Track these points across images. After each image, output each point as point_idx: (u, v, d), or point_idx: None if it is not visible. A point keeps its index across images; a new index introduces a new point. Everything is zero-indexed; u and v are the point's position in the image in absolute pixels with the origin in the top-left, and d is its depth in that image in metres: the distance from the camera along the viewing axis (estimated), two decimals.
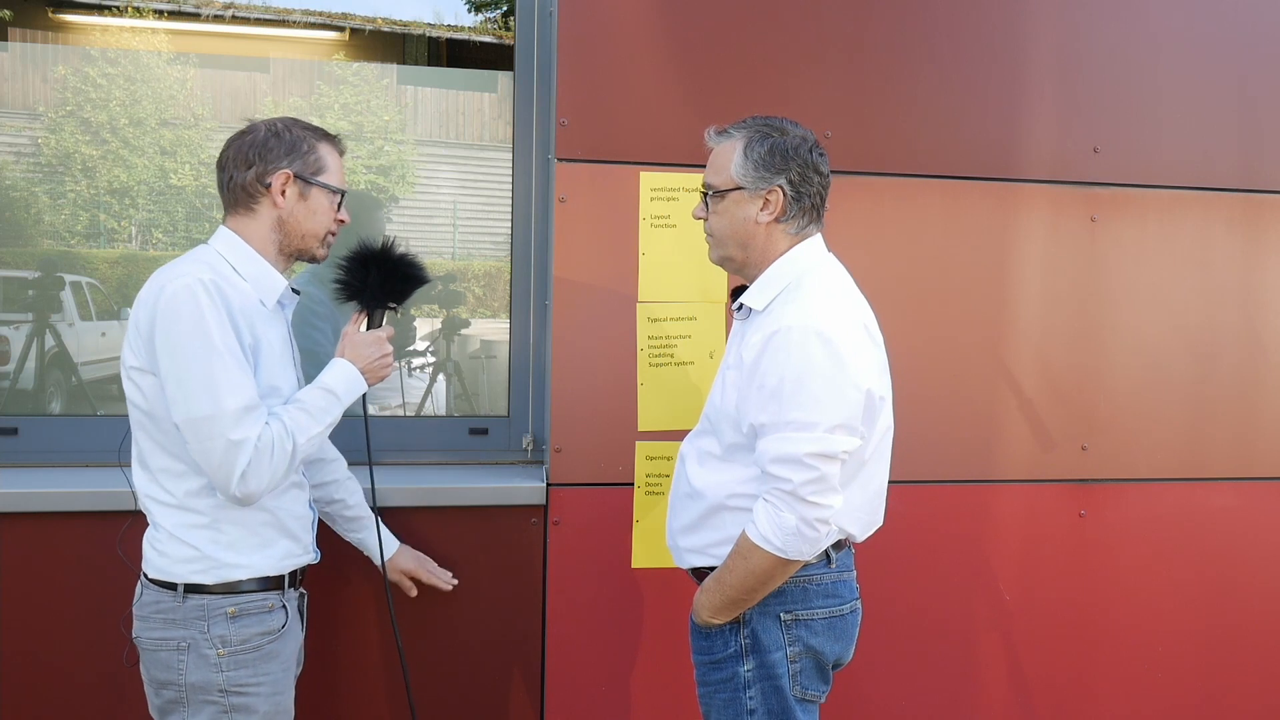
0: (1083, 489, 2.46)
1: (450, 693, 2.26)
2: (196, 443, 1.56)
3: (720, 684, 1.72)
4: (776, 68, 2.28)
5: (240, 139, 1.71)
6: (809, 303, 1.63)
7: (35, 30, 2.49)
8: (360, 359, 1.76)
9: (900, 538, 2.37)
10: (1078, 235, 2.43)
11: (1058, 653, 2.47)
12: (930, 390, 2.37)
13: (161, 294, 1.57)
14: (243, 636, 1.65)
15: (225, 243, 1.71)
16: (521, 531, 2.24)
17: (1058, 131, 2.40)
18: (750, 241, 1.72)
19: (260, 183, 1.69)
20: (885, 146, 2.34)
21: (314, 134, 1.74)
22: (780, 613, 1.68)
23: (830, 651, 1.72)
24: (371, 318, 1.81)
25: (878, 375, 1.67)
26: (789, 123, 1.72)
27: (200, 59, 2.57)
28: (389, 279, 1.81)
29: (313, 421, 1.66)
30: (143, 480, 1.67)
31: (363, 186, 2.56)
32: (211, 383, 1.55)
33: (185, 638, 1.63)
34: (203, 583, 1.63)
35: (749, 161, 1.68)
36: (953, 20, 2.35)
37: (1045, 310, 2.42)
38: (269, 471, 1.59)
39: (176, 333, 1.56)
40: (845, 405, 1.58)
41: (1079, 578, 2.46)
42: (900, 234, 2.36)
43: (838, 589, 1.72)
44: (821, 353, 1.57)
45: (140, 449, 1.67)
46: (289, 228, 1.71)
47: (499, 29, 2.72)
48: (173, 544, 1.64)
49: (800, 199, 1.69)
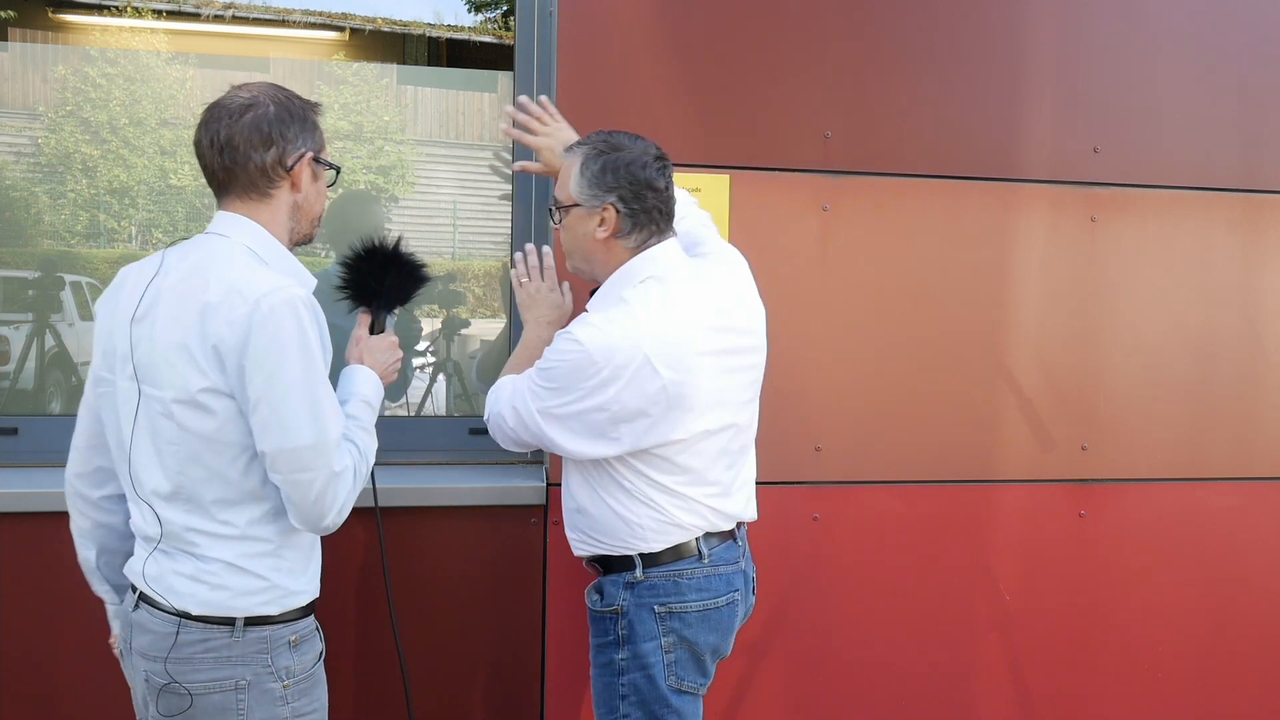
0: (1083, 489, 2.45)
1: (450, 692, 2.26)
2: (291, 473, 1.44)
3: (602, 668, 1.82)
4: (776, 68, 2.28)
5: (247, 113, 1.51)
6: (601, 321, 1.71)
7: (35, 30, 2.49)
8: (379, 365, 1.69)
9: (899, 537, 2.37)
10: (1078, 235, 2.43)
11: (1058, 653, 2.47)
12: (930, 390, 2.37)
13: (257, 310, 1.42)
14: (303, 664, 1.57)
15: (251, 235, 1.53)
16: (521, 531, 2.24)
17: (1058, 131, 2.40)
18: (592, 255, 1.79)
19: (282, 165, 1.52)
20: (885, 146, 2.33)
21: (310, 106, 1.60)
22: (654, 605, 1.77)
23: (705, 643, 1.79)
24: (376, 320, 1.77)
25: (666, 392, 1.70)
26: (629, 138, 1.77)
27: (200, 59, 2.58)
28: (403, 281, 1.76)
29: (371, 440, 1.60)
30: (183, 513, 1.50)
31: (363, 186, 2.56)
32: (317, 410, 1.45)
33: (243, 675, 1.51)
34: (268, 613, 1.52)
35: (583, 179, 1.75)
36: (953, 20, 2.35)
37: (1045, 310, 2.42)
38: (354, 499, 1.52)
39: (279, 354, 1.42)
40: (579, 419, 1.69)
41: (1079, 578, 2.46)
42: (900, 234, 2.35)
43: (711, 583, 1.79)
44: (586, 370, 1.67)
45: (184, 480, 1.49)
46: (303, 212, 1.58)
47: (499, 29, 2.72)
48: (234, 576, 1.51)
49: (635, 215, 1.74)
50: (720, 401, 1.77)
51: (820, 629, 2.37)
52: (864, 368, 2.34)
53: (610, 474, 1.77)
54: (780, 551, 2.31)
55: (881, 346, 2.35)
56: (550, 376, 1.72)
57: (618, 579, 1.81)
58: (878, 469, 2.36)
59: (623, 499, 1.77)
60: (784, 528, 2.32)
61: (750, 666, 2.33)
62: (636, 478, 1.76)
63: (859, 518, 2.36)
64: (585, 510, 1.82)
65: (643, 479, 1.76)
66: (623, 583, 1.80)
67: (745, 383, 1.83)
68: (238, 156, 1.51)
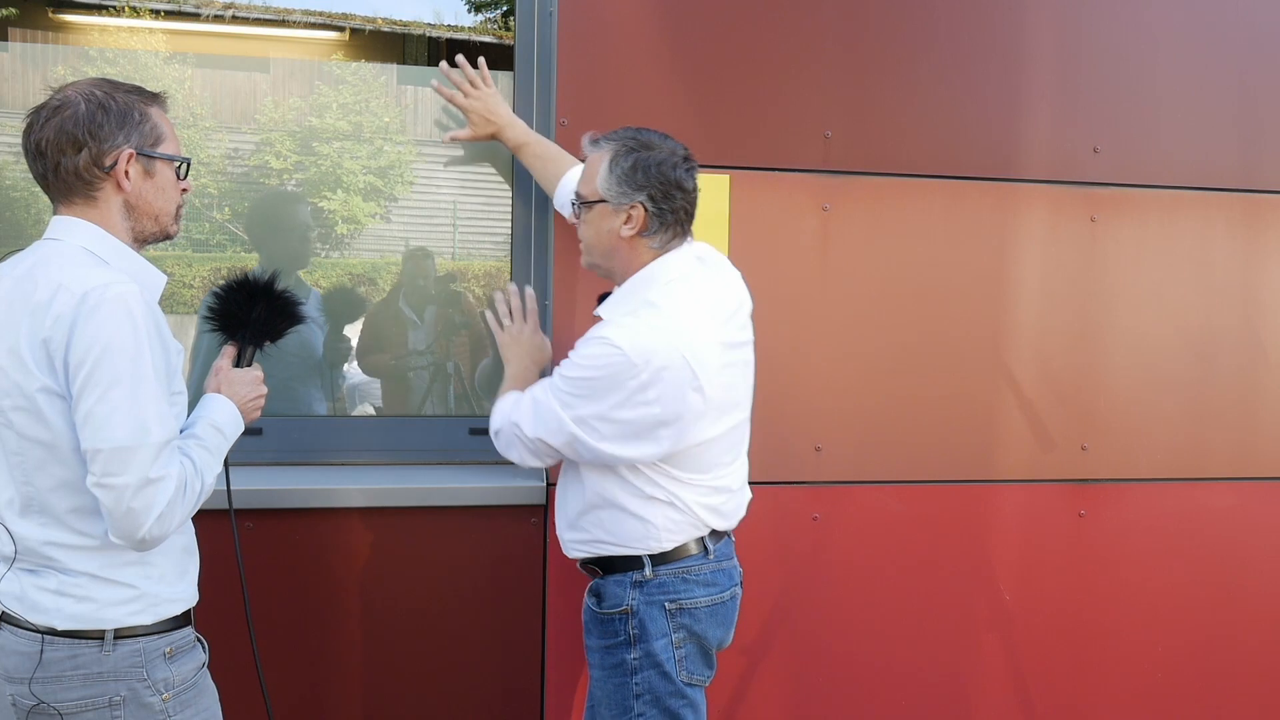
0: (1082, 489, 2.46)
1: (450, 692, 2.26)
2: (104, 476, 1.36)
3: (611, 669, 1.80)
4: (775, 67, 2.28)
5: (55, 116, 1.44)
6: (635, 325, 1.69)
7: (35, 30, 2.49)
8: (238, 397, 1.62)
9: (899, 537, 2.38)
10: (1077, 235, 2.43)
11: (1057, 653, 2.48)
12: (929, 390, 2.37)
13: (83, 303, 1.37)
14: (182, 675, 1.50)
15: (89, 236, 1.46)
16: (521, 531, 2.24)
17: (1057, 131, 2.40)
18: (614, 253, 1.77)
19: (98, 166, 1.45)
20: (884, 146, 2.33)
21: (140, 97, 1.50)
22: (665, 602, 1.77)
23: (713, 636, 1.82)
24: (242, 354, 1.70)
25: (702, 393, 1.70)
26: (659, 136, 1.76)
27: (199, 59, 2.57)
28: (273, 316, 1.71)
29: (214, 461, 1.53)
30: (37, 527, 1.44)
31: (362, 187, 2.56)
32: (138, 411, 1.37)
33: (117, 690, 1.45)
34: (140, 623, 1.46)
35: (613, 176, 1.73)
36: (952, 19, 2.35)
37: (1045, 310, 2.42)
38: (181, 514, 1.43)
39: (102, 348, 1.36)
40: (621, 423, 1.68)
41: (1079, 578, 2.46)
42: (900, 234, 2.35)
43: (716, 578, 1.82)
44: (625, 373, 1.65)
45: (33, 491, 1.43)
46: (139, 211, 1.51)
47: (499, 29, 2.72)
48: (98, 587, 1.44)
49: (663, 215, 1.73)
50: (737, 397, 1.79)
51: (820, 629, 2.37)
52: (864, 368, 2.34)
53: (626, 477, 1.75)
54: (780, 551, 2.31)
55: (882, 346, 2.35)
56: (584, 383, 1.69)
57: (623, 579, 1.80)
58: (878, 469, 2.36)
59: (641, 499, 1.76)
60: (784, 528, 2.32)
61: (750, 666, 2.33)
62: (663, 477, 1.75)
63: (859, 518, 2.36)
64: (593, 512, 1.80)
65: (669, 478, 1.75)
66: (629, 582, 1.79)
67: (749, 375, 1.86)
68: (48, 162, 1.45)
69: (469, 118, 2.13)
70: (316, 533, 2.18)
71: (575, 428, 1.70)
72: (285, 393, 2.40)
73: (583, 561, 1.88)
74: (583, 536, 1.84)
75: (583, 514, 1.82)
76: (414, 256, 2.51)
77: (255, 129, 2.52)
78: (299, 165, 2.53)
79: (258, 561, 2.12)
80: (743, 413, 1.83)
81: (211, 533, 1.71)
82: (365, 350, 2.48)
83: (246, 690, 1.84)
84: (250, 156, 2.52)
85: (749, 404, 1.87)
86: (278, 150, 2.53)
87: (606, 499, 1.78)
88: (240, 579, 1.80)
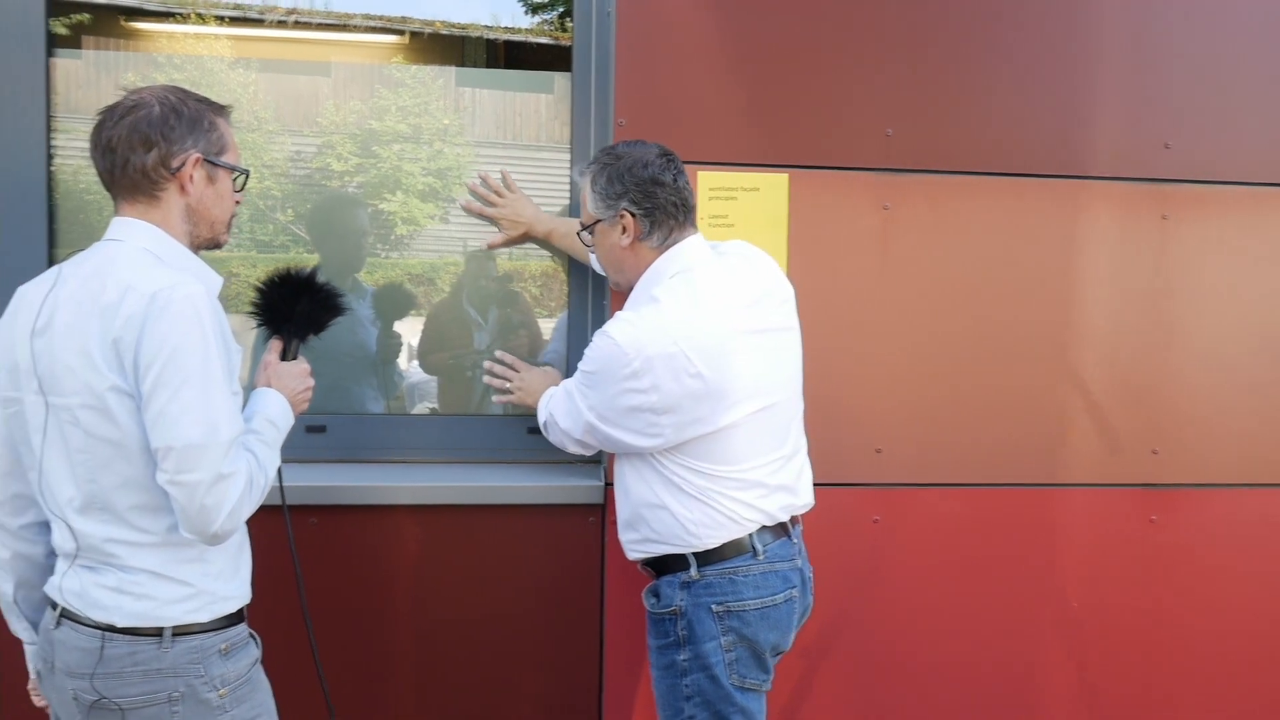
0: (1153, 494, 2.39)
1: (507, 691, 2.27)
2: (177, 473, 1.39)
3: (664, 669, 1.83)
4: (835, 64, 2.26)
5: (129, 115, 1.49)
6: (633, 319, 1.75)
7: (108, 38, 2.56)
8: (288, 390, 1.65)
9: (962, 541, 2.34)
10: (1148, 234, 2.36)
11: (1126, 661, 2.41)
12: (993, 391, 2.33)
13: (153, 304, 1.40)
14: (237, 671, 1.53)
15: (151, 238, 1.51)
16: (579, 530, 2.25)
17: (1126, 126, 2.35)
18: (622, 265, 1.86)
19: (165, 167, 1.49)
20: (946, 144, 2.30)
21: (210, 107, 1.56)
22: (712, 604, 1.77)
23: (765, 640, 1.80)
24: (288, 348, 1.73)
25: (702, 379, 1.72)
26: (627, 145, 1.85)
27: (263, 64, 2.62)
28: (316, 309, 1.73)
29: (274, 455, 1.55)
30: (98, 524, 1.47)
31: (421, 188, 2.59)
32: (208, 409, 1.40)
33: (176, 686, 1.47)
34: (197, 620, 1.49)
35: (595, 193, 1.83)
36: (1017, 13, 2.31)
37: (1114, 310, 2.36)
38: (250, 507, 1.47)
39: (172, 349, 1.39)
40: (619, 412, 1.73)
41: (1149, 585, 2.40)
42: (963, 233, 2.31)
43: (767, 580, 1.80)
44: (618, 362, 1.71)
45: (97, 489, 1.46)
46: (199, 216, 1.55)
47: (555, 30, 2.73)
48: (157, 584, 1.47)
49: (650, 213, 1.80)
50: (760, 383, 1.78)
51: (881, 631, 2.34)
52: (926, 369, 2.31)
53: (660, 471, 1.78)
54: (840, 553, 2.29)
55: (944, 347, 2.31)
56: (589, 376, 1.78)
57: (673, 579, 1.81)
58: (940, 471, 2.32)
59: (676, 495, 1.78)
60: (844, 530, 2.29)
61: (810, 668, 2.31)
62: (686, 471, 1.77)
63: (920, 521, 2.33)
64: (639, 510, 1.83)
65: (691, 471, 1.77)
66: (678, 583, 1.80)
67: (782, 361, 1.85)
68: (116, 158, 1.49)
69: (499, 224, 2.31)
70: (377, 529, 2.21)
71: (589, 415, 1.78)
72: (340, 392, 2.44)
73: (641, 562, 1.90)
74: (634, 536, 1.87)
75: (631, 514, 1.86)
76: (477, 257, 2.53)
77: (317, 132, 2.56)
78: (359, 167, 2.56)
79: (320, 556, 2.15)
80: (767, 400, 1.79)
81: (268, 527, 1.74)
82: (427, 349, 2.51)
83: (299, 684, 1.86)
84: (312, 159, 2.56)
85: (781, 394, 1.83)
86: (339, 153, 2.57)
87: (646, 496, 1.81)
88: (296, 574, 1.82)
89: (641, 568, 1.91)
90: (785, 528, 1.86)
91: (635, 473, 1.83)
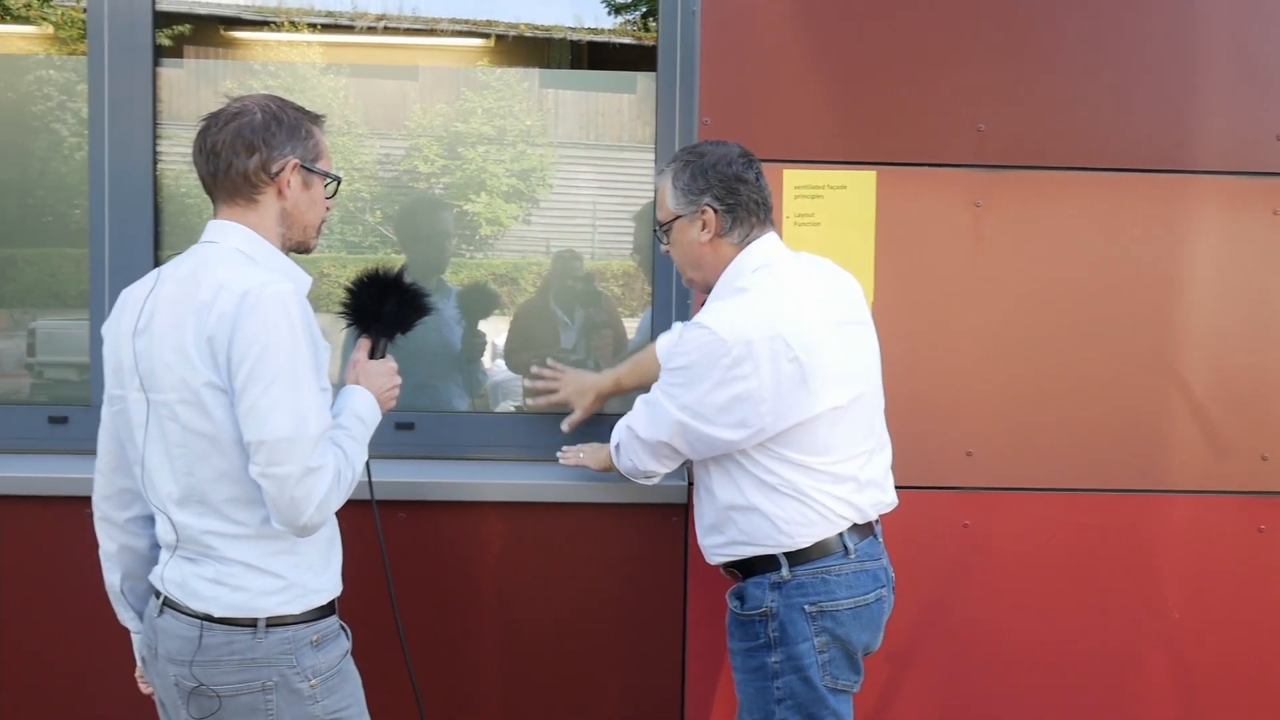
0: (1262, 501, 2.28)
1: (589, 689, 2.28)
2: (268, 466, 1.43)
3: (752, 672, 1.80)
4: (924, 58, 2.21)
5: (233, 121, 1.55)
6: (725, 308, 1.76)
7: (207, 47, 2.65)
8: (376, 388, 1.68)
9: (1056, 547, 2.27)
10: (1258, 230, 2.26)
11: (1230, 675, 2.31)
12: (1089, 394, 2.25)
13: (244, 301, 1.44)
14: (328, 662, 1.57)
15: (244, 240, 1.56)
16: (662, 530, 2.25)
17: (1234, 117, 2.24)
18: (701, 261, 1.86)
19: (265, 171, 1.55)
20: (1042, 138, 2.23)
21: (306, 116, 1.62)
22: (805, 605, 1.76)
23: (858, 640, 1.79)
24: (376, 346, 1.76)
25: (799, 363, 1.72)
26: (709, 144, 1.87)
27: (353, 69, 2.69)
28: (403, 308, 1.76)
29: (361, 450, 1.59)
30: (196, 517, 1.52)
31: (505, 189, 2.62)
32: (298, 404, 1.44)
33: (270, 676, 1.52)
34: (290, 613, 1.53)
35: (677, 191, 1.84)
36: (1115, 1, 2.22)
37: (1219, 310, 2.26)
38: (338, 500, 1.51)
39: (263, 345, 1.44)
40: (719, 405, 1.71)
41: (1256, 597, 2.29)
42: (1058, 231, 2.24)
43: (859, 579, 1.79)
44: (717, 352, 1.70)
45: (194, 482, 1.51)
46: (293, 219, 1.60)
47: (638, 30, 2.73)
48: (252, 576, 1.52)
49: (733, 209, 1.81)
50: (847, 373, 1.78)
51: (970, 637, 2.28)
52: (1019, 370, 2.25)
53: (750, 471, 1.77)
54: (929, 557, 2.24)
55: (1038, 348, 2.25)
56: (682, 372, 1.75)
57: (762, 580, 1.79)
58: (1033, 475, 2.26)
59: (768, 494, 1.77)
60: (933, 533, 2.25)
61: (897, 673, 2.27)
62: (779, 464, 1.76)
63: (1012, 526, 2.26)
64: (726, 513, 1.82)
65: (785, 464, 1.75)
66: (768, 584, 1.78)
67: (865, 352, 1.86)
68: (219, 162, 1.54)
69: (571, 403, 2.27)
70: (462, 525, 2.24)
71: (681, 414, 1.75)
72: (428, 390, 2.48)
73: (725, 566, 1.89)
74: (719, 540, 1.85)
75: (716, 517, 1.85)
76: (563, 257, 2.55)
77: (405, 135, 2.61)
78: (445, 169, 2.61)
79: (408, 550, 2.19)
80: (856, 390, 1.78)
81: (358, 522, 1.77)
82: (513, 349, 2.54)
83: (387, 676, 1.90)
84: (400, 161, 2.62)
85: (866, 385, 1.82)
86: (425, 155, 2.61)
87: (733, 498, 1.80)
88: (385, 568, 1.85)
89: (724, 571, 1.90)
90: (871, 527, 1.85)
91: (722, 474, 1.81)
